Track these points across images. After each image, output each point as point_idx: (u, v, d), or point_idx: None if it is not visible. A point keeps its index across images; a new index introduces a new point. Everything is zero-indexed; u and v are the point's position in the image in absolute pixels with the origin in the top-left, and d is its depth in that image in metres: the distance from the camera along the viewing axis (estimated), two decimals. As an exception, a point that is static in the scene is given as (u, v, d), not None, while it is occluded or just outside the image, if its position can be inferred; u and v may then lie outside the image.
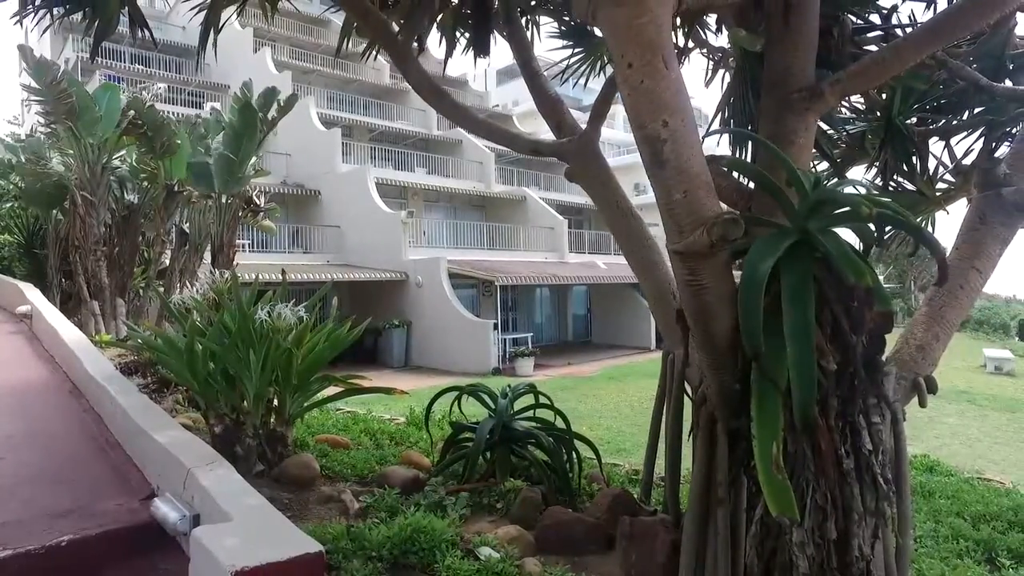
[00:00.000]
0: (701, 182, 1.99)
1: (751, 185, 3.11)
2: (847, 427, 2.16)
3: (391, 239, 19.31)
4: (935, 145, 5.61)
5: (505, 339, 18.94)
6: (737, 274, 2.27)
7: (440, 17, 4.12)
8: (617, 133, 37.90)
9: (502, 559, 2.95)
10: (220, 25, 4.13)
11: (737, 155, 3.75)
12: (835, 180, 2.51)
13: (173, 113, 20.03)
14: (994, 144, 4.49)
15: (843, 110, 5.64)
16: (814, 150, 3.29)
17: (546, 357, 19.12)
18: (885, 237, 5.90)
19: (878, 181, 5.60)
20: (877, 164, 5.52)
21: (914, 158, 5.53)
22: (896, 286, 39.83)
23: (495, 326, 17.50)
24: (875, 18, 4.30)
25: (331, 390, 4.74)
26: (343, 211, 20.72)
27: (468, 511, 3.69)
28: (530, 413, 4.68)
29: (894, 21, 4.02)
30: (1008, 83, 4.62)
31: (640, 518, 3.27)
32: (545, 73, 4.33)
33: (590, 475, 4.78)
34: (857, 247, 2.30)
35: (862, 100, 5.50)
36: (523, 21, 4.34)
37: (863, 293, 1.96)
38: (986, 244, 3.22)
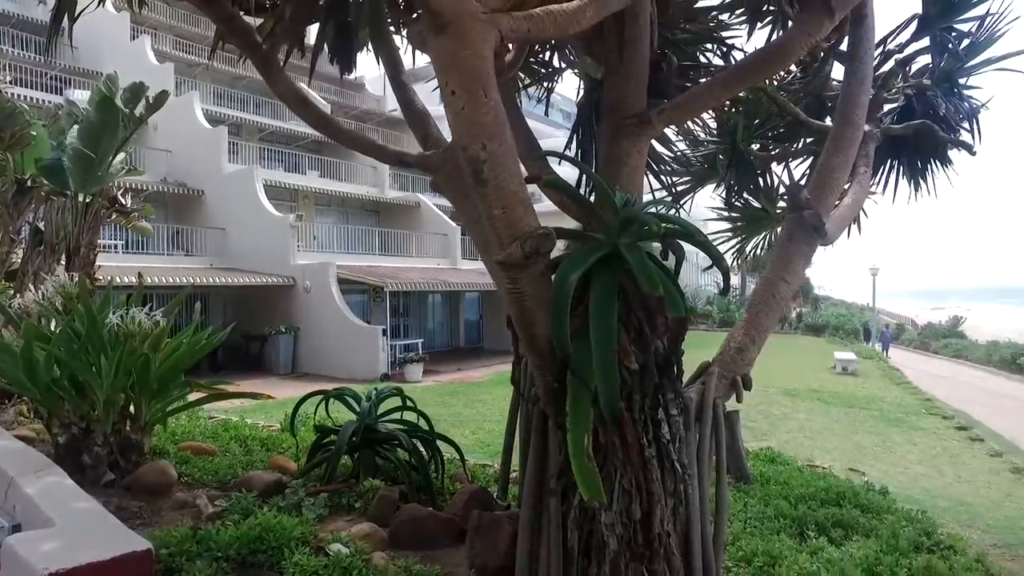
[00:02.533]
0: (518, 199, 2.20)
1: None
2: (649, 419, 2.45)
3: (279, 243, 18.74)
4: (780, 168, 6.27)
5: (395, 345, 18.84)
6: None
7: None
8: (514, 142, 38.55)
9: (351, 554, 3.05)
10: (77, 12, 3.97)
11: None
12: (648, 201, 2.81)
13: (34, 100, 18.47)
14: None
15: (699, 134, 6.21)
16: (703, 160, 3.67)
17: (437, 363, 19.19)
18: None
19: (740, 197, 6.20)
20: (725, 183, 6.11)
21: (760, 179, 6.17)
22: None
23: (385, 332, 17.39)
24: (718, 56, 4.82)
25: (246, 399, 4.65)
26: (229, 213, 19.86)
27: (326, 511, 3.76)
28: (397, 416, 4.80)
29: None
30: (829, 120, 5.26)
31: (487, 512, 3.47)
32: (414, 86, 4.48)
33: (455, 475, 4.95)
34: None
35: (715, 125, 6.08)
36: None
37: (656, 301, 2.24)
38: (793, 259, 3.68)
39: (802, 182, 5.00)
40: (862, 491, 5.82)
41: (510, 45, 3.98)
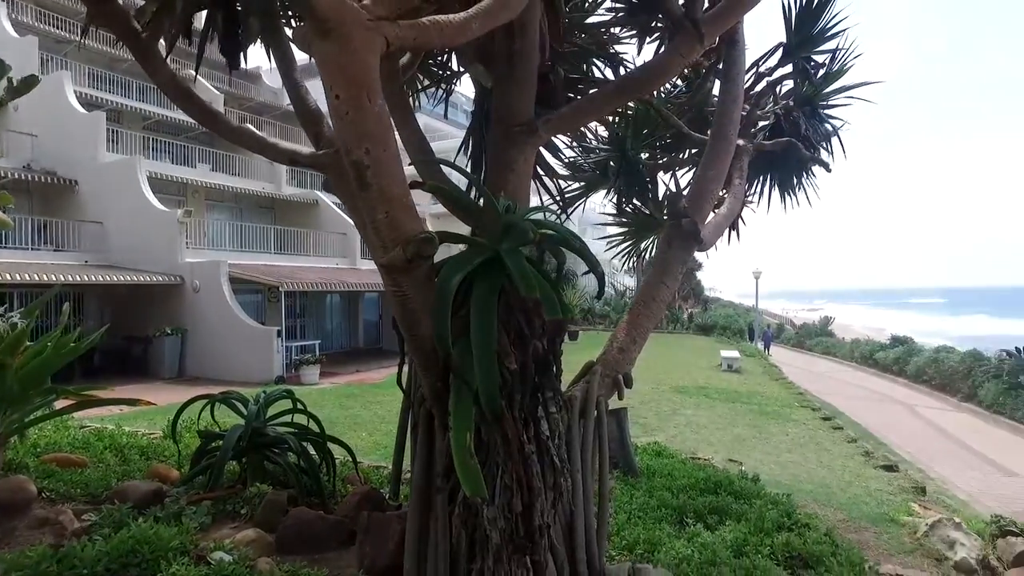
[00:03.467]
0: (402, 204, 2.25)
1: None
2: (529, 417, 2.57)
3: (166, 240, 17.65)
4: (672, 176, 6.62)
5: (291, 347, 18.23)
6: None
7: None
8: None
9: (234, 561, 2.98)
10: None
11: (482, 179, 4.18)
12: (531, 207, 2.93)
13: None
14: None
15: (592, 141, 6.46)
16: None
17: (335, 364, 18.75)
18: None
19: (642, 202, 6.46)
20: (615, 189, 6.39)
21: (648, 186, 6.48)
22: (662, 296, 45.06)
23: (280, 333, 16.79)
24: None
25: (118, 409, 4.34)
26: (107, 206, 18.45)
27: (210, 519, 3.64)
28: (288, 419, 4.70)
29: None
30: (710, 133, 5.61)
31: (377, 512, 3.49)
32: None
33: (348, 477, 4.91)
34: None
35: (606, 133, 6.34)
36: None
37: (534, 304, 2.36)
38: (671, 264, 3.93)
39: (686, 191, 5.32)
40: (736, 479, 6.27)
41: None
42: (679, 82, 6.46)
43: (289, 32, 4.24)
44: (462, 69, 5.11)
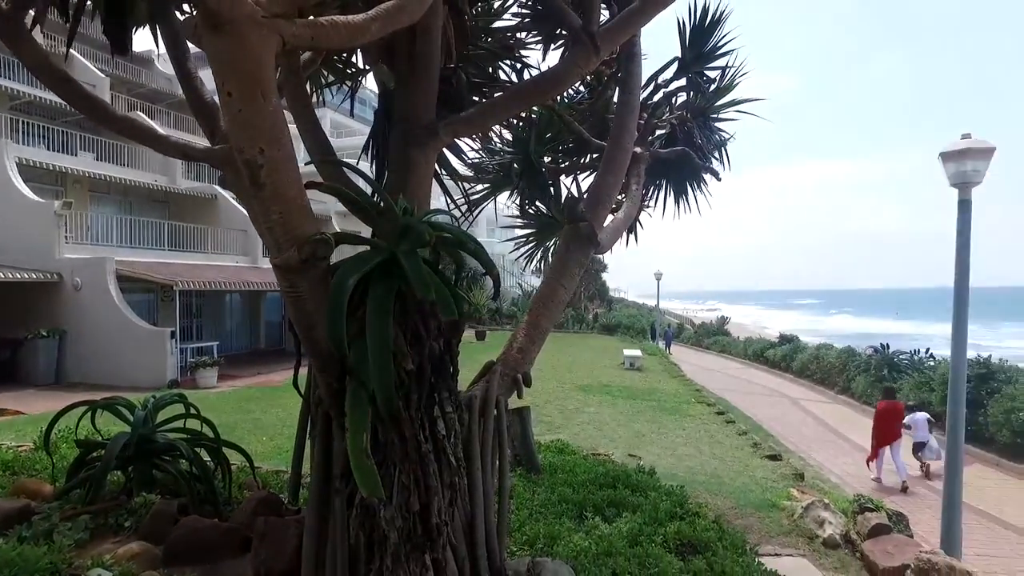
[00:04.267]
0: (297, 205, 2.23)
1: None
2: (426, 417, 2.60)
3: (40, 233, 16.27)
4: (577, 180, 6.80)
5: (187, 349, 17.32)
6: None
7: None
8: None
9: (115, 577, 2.83)
10: None
11: (384, 179, 4.16)
12: (430, 209, 2.96)
13: None
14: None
15: (497, 143, 6.55)
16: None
17: (234, 367, 17.97)
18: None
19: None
20: (519, 191, 6.51)
21: (551, 189, 6.63)
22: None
23: (174, 335, 15.89)
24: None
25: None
26: (-33, 194, 16.81)
27: (88, 535, 3.42)
28: (181, 424, 4.49)
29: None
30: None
31: (274, 517, 3.41)
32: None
33: (245, 482, 4.76)
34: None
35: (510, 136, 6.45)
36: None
37: (430, 305, 2.39)
38: (569, 266, 4.07)
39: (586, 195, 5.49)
40: (634, 473, 6.55)
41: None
42: (582, 88, 6.68)
43: (181, 18, 4.06)
44: (368, 67, 5.07)
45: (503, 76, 5.14)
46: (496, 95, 4.26)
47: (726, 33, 5.63)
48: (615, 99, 6.12)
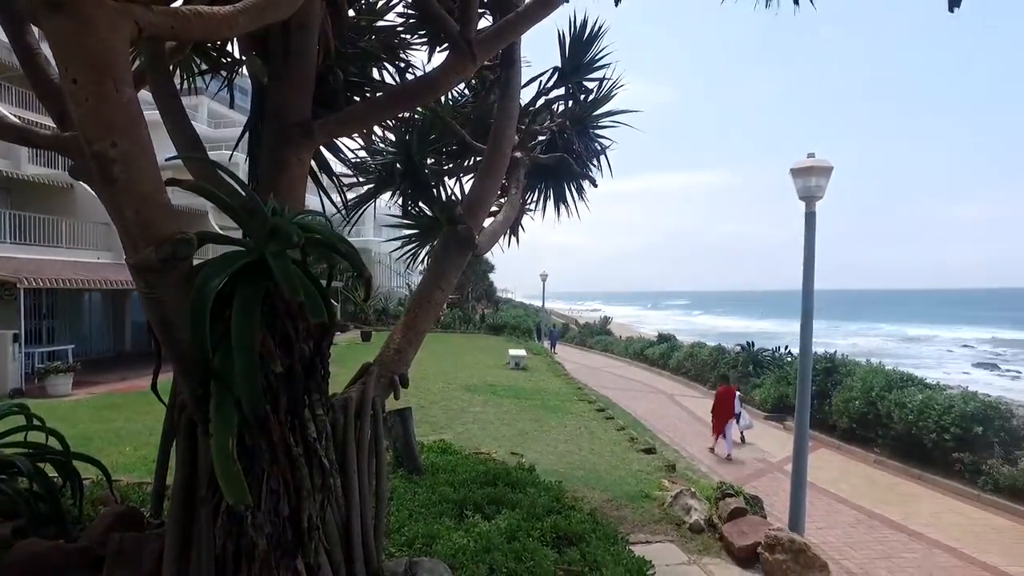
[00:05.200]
0: (154, 202, 2.13)
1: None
2: (296, 420, 2.56)
3: None
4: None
5: (34, 353, 15.71)
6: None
7: None
8: (201, 127, 35.11)
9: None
10: None
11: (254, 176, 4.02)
12: (304, 211, 2.91)
13: None
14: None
15: (380, 143, 6.48)
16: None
17: (95, 372, 16.52)
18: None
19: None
20: (401, 192, 6.48)
21: (433, 190, 6.65)
22: (457, 296, 46.29)
23: (16, 338, 14.36)
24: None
25: None
26: None
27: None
28: (20, 437, 4.10)
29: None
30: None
31: (132, 533, 3.21)
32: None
33: (101, 497, 4.43)
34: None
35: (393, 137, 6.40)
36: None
37: (298, 307, 2.36)
38: (447, 268, 4.12)
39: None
40: (514, 471, 6.70)
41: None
42: (467, 92, 6.76)
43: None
44: (244, 58, 4.87)
45: (387, 77, 5.11)
46: (378, 96, 4.23)
47: (604, 47, 5.91)
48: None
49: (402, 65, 5.20)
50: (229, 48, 4.78)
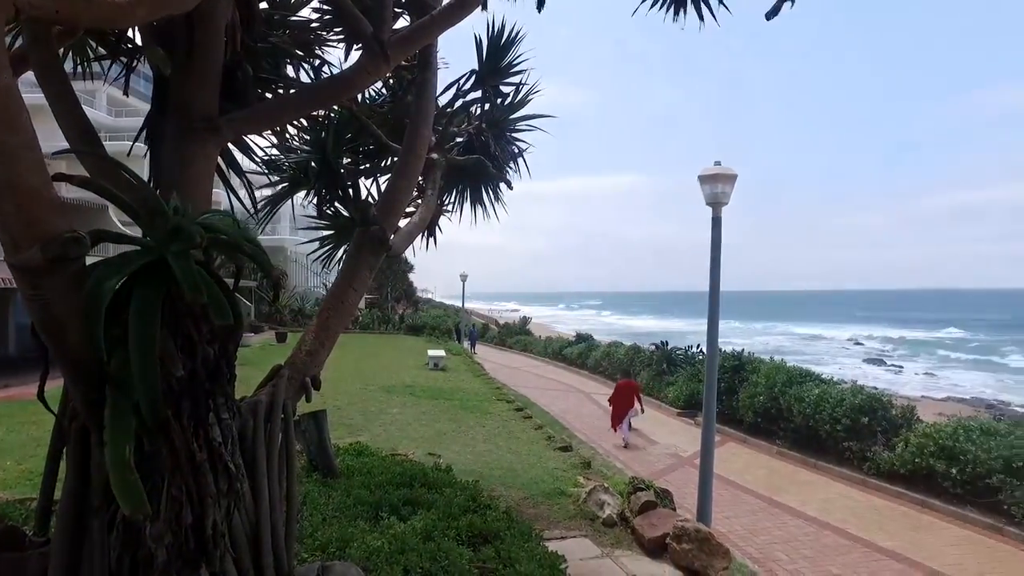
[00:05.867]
0: (40, 198, 2.01)
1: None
2: (200, 425, 2.48)
3: None
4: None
5: (-97, 359, 14.27)
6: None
7: None
8: (99, 115, 32.96)
9: None
10: None
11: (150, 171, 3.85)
12: (211, 211, 2.81)
13: None
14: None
15: (294, 140, 6.33)
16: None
17: (-27, 380, 15.20)
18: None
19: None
20: (316, 192, 6.35)
21: (349, 190, 6.55)
22: (376, 296, 45.59)
23: None
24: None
25: None
26: None
27: None
28: None
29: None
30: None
31: (8, 553, 3.00)
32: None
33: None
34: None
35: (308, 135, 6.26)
36: None
37: (202, 309, 2.30)
38: (360, 269, 4.07)
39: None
40: (431, 471, 6.70)
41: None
42: (384, 91, 6.70)
43: None
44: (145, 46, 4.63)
45: (302, 74, 5.00)
46: (291, 94, 4.13)
47: (521, 53, 6.01)
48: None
49: (317, 62, 5.10)
50: (130, 34, 4.55)
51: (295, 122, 5.32)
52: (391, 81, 6.43)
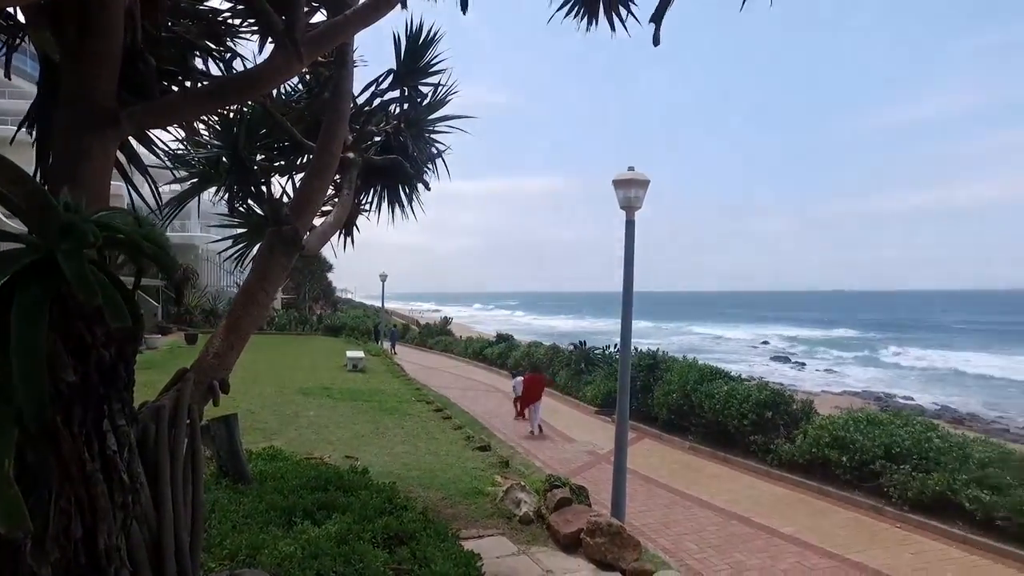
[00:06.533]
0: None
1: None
2: (93, 433, 2.36)
3: None
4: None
5: None
6: None
7: None
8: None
9: None
10: None
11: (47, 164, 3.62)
12: (110, 208, 2.67)
13: None
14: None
15: (204, 134, 6.08)
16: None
17: None
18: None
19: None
20: (227, 188, 6.13)
21: (263, 188, 6.35)
22: (293, 296, 44.26)
23: None
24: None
25: None
26: None
27: None
28: None
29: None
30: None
31: None
32: None
33: None
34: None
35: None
36: None
37: (96, 311, 2.19)
38: (272, 269, 3.96)
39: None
40: (347, 474, 6.60)
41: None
42: (301, 87, 6.54)
43: None
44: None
45: (211, 66, 4.81)
46: (199, 87, 3.97)
47: (439, 53, 6.01)
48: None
49: (228, 55, 4.94)
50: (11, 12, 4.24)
51: (204, 117, 5.12)
52: (308, 77, 6.29)
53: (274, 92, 5.91)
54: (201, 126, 5.55)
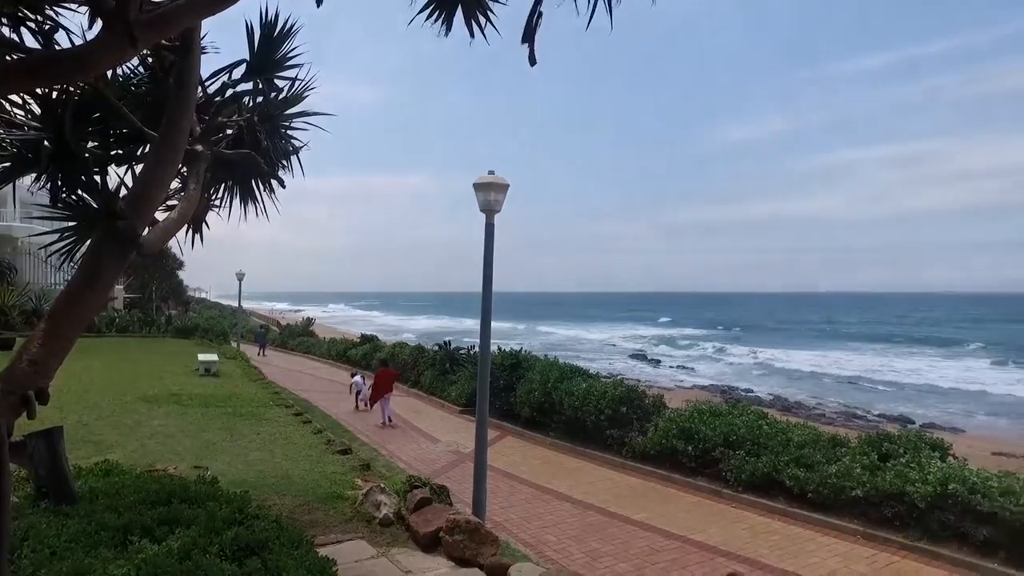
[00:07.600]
0: None
1: None
2: None
3: None
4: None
5: None
6: None
7: None
8: None
9: None
10: None
11: None
12: None
13: None
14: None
15: (20, 116, 5.46)
16: None
17: None
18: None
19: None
20: (50, 177, 5.56)
21: (97, 178, 5.81)
22: (138, 296, 40.61)
23: None
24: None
25: None
26: None
27: None
28: None
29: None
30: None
31: None
32: None
33: None
34: None
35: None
36: None
37: None
38: (104, 268, 3.66)
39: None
40: (193, 485, 6.20)
41: None
42: (142, 69, 6.07)
43: None
44: None
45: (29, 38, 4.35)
46: (5, 60, 3.58)
47: (296, 46, 5.82)
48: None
49: (47, 26, 4.50)
50: None
51: (17, 95, 4.63)
52: (150, 60, 5.85)
53: (108, 73, 5.45)
54: (14, 106, 5.00)
